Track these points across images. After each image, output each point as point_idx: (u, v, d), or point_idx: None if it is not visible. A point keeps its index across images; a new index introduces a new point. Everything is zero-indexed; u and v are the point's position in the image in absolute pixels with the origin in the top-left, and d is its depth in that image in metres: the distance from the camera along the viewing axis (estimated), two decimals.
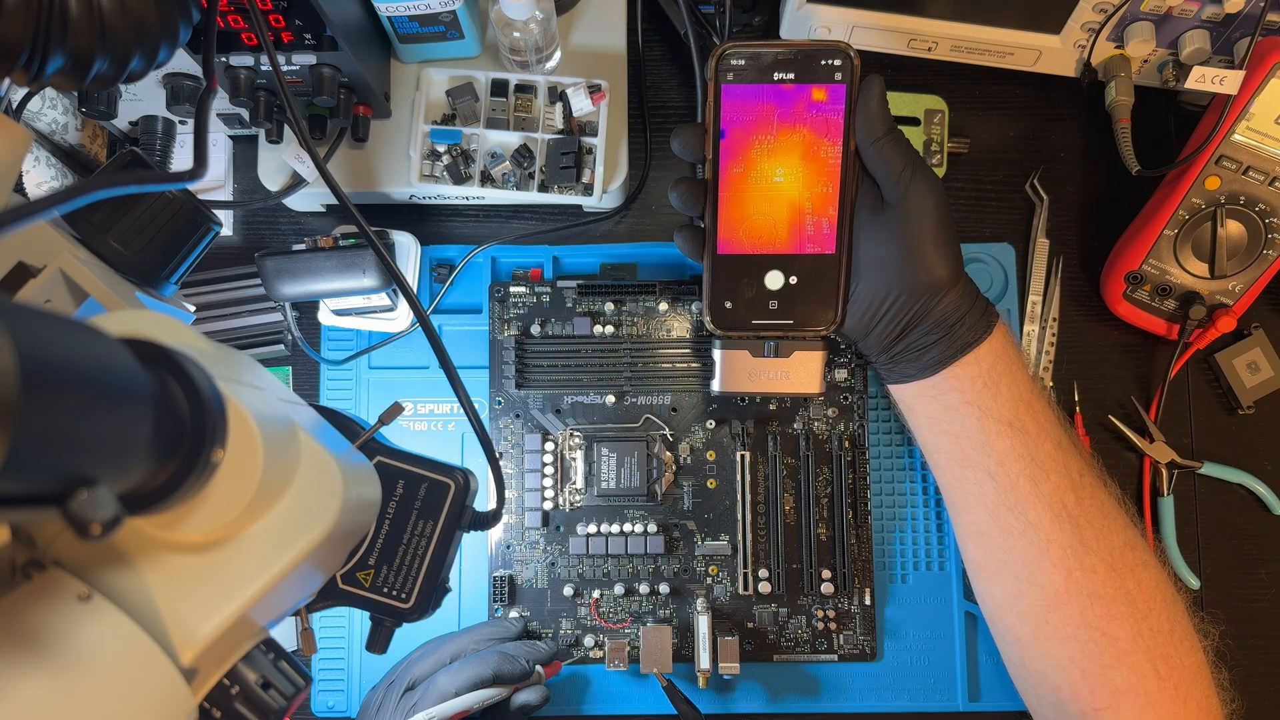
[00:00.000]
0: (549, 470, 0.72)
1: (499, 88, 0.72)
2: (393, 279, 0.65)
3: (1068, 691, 0.58)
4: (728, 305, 0.56)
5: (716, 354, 0.58)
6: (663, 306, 0.72)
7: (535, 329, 0.72)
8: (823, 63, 0.53)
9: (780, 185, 0.54)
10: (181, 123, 0.74)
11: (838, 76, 0.53)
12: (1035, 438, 0.57)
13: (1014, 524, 0.57)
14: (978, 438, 0.57)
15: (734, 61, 0.53)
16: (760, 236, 0.55)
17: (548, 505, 0.71)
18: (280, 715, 0.35)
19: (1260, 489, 0.74)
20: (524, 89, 0.72)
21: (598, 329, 0.72)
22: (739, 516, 0.71)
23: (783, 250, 0.55)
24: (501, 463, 0.72)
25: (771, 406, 0.71)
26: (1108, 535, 0.57)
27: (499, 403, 0.72)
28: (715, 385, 0.60)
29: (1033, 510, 0.57)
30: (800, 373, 0.59)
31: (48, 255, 0.43)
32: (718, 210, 0.55)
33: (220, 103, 0.69)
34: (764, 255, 0.55)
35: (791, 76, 0.53)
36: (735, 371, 0.59)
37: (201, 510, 0.32)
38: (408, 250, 0.72)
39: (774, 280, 0.55)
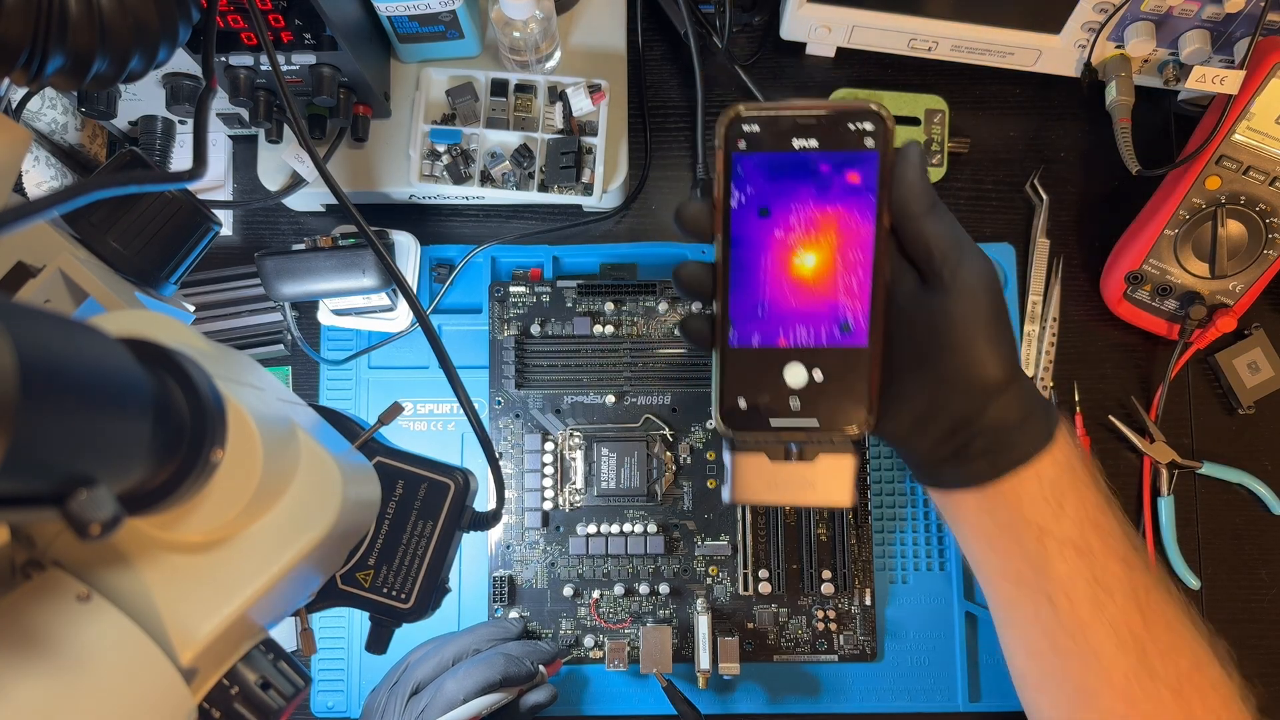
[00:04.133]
0: (549, 470, 0.71)
1: (499, 87, 0.72)
2: (392, 279, 0.65)
3: None
4: (742, 404, 0.48)
5: (728, 458, 0.49)
6: (663, 306, 0.72)
7: (535, 329, 0.72)
8: (850, 127, 0.45)
9: (802, 267, 0.47)
10: (181, 122, 0.74)
11: (869, 143, 0.45)
12: (1102, 557, 0.50)
13: (1072, 648, 0.51)
14: (1035, 559, 0.50)
15: (747, 127, 0.46)
16: (779, 326, 0.48)
17: (547, 505, 0.71)
18: (279, 715, 0.35)
19: (1260, 489, 0.74)
20: (524, 89, 0.72)
21: (598, 329, 0.72)
22: (739, 516, 0.71)
23: (805, 342, 0.48)
24: (501, 463, 0.72)
25: None
26: (1175, 657, 0.51)
27: (499, 403, 0.72)
28: (727, 495, 0.51)
29: (1095, 636, 0.50)
30: (827, 480, 0.50)
31: (47, 255, 0.43)
32: (728, 296, 0.47)
33: (220, 102, 0.69)
34: (784, 348, 0.48)
35: (814, 144, 0.46)
36: (751, 479, 0.50)
37: (201, 510, 0.32)
38: (407, 250, 0.72)
39: (796, 376, 0.48)
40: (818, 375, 0.47)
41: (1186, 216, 0.70)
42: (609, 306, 0.72)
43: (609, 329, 0.72)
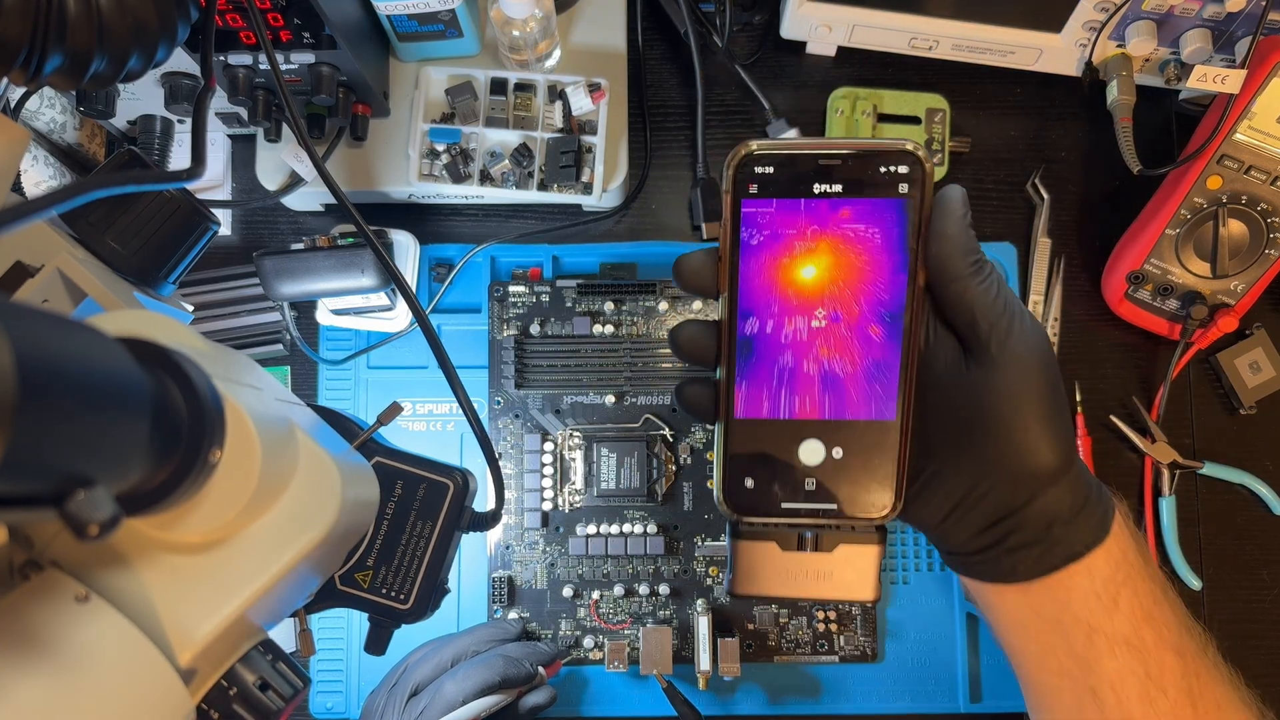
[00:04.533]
0: (548, 470, 0.71)
1: (498, 86, 0.72)
2: (391, 278, 0.65)
3: None
4: (749, 484, 0.42)
5: (732, 545, 0.44)
6: (663, 306, 0.72)
7: (535, 329, 0.72)
8: (882, 170, 0.39)
9: (821, 330, 0.41)
10: (180, 122, 0.74)
11: (902, 189, 0.39)
12: (1156, 652, 0.45)
13: None
14: (1083, 655, 0.45)
15: (760, 169, 0.40)
16: (794, 396, 0.42)
17: (547, 506, 0.71)
18: (278, 716, 0.35)
19: (1261, 489, 0.74)
20: (523, 88, 0.72)
21: (597, 329, 0.72)
22: None
23: (824, 414, 0.42)
24: (501, 463, 0.71)
25: None
26: None
27: (498, 403, 0.72)
28: (729, 586, 0.45)
29: None
30: (847, 572, 0.44)
31: (45, 255, 0.43)
32: (735, 361, 0.41)
33: (219, 102, 0.69)
34: (798, 420, 0.42)
35: (838, 189, 0.40)
36: (759, 568, 0.44)
37: (199, 511, 0.32)
38: (406, 249, 0.72)
39: (812, 453, 0.42)
40: (837, 452, 0.42)
41: (1188, 216, 0.70)
42: (609, 306, 0.72)
43: (609, 329, 0.72)
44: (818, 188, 0.40)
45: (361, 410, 0.74)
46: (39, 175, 0.70)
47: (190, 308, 0.57)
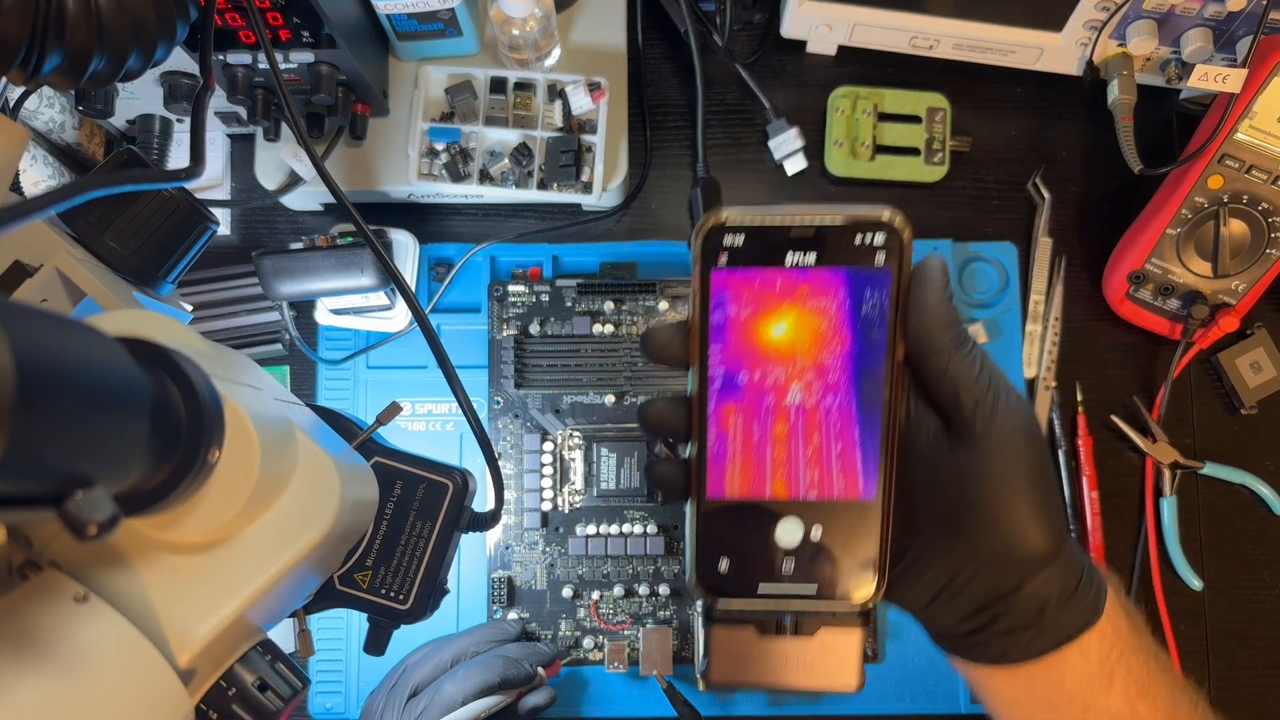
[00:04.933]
0: (548, 470, 0.71)
1: (498, 85, 0.72)
2: (391, 278, 0.65)
3: None
4: (723, 567, 0.40)
5: (706, 630, 0.42)
6: (663, 305, 0.72)
7: (534, 328, 0.72)
8: (857, 240, 0.38)
9: (797, 405, 0.40)
10: (179, 121, 0.74)
11: (879, 259, 0.38)
12: None
13: None
14: None
15: (730, 239, 0.38)
16: (769, 475, 0.40)
17: (547, 506, 0.71)
18: (277, 717, 0.35)
19: (1262, 489, 0.74)
20: (523, 87, 0.72)
21: (597, 328, 0.72)
22: None
23: (801, 494, 0.40)
24: (500, 463, 0.71)
25: None
26: None
27: (498, 402, 0.72)
28: (703, 673, 0.42)
29: None
30: (829, 658, 0.43)
31: (44, 254, 0.43)
32: (707, 439, 0.40)
33: (218, 101, 0.69)
34: (775, 500, 0.40)
35: (813, 259, 0.38)
36: (734, 655, 0.42)
37: (198, 511, 0.32)
38: (406, 249, 0.72)
39: (789, 533, 0.40)
40: (816, 533, 0.40)
41: (1189, 216, 0.70)
42: (609, 306, 0.72)
43: (609, 328, 0.72)
44: (791, 258, 0.38)
45: (361, 410, 0.74)
46: (38, 174, 0.70)
47: (189, 307, 0.57)
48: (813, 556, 0.40)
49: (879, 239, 0.38)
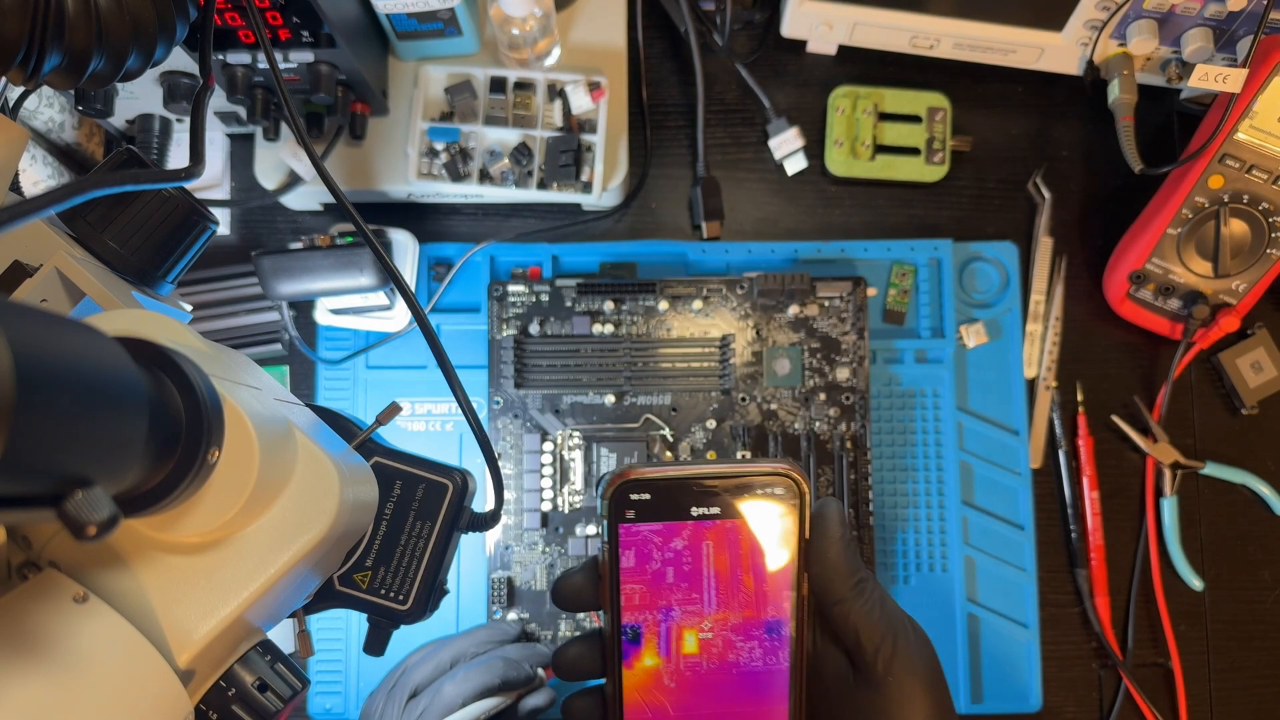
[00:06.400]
0: (548, 471, 0.71)
1: (497, 85, 0.71)
2: (390, 278, 0.65)
3: None
4: None
5: None
6: (663, 305, 0.72)
7: (534, 328, 0.72)
8: (759, 492, 0.41)
9: (708, 642, 0.41)
10: (178, 121, 0.74)
11: (779, 510, 0.41)
12: None
13: None
14: None
15: (636, 495, 0.40)
16: (683, 710, 0.42)
17: (546, 506, 0.71)
18: (276, 717, 0.35)
19: (1264, 490, 0.74)
20: (523, 86, 0.72)
21: (597, 328, 0.72)
22: None
23: None
24: (500, 463, 0.71)
25: (773, 406, 0.71)
26: None
27: (497, 402, 0.72)
28: None
29: None
30: None
31: (44, 254, 0.43)
32: (620, 678, 0.41)
33: (217, 101, 0.69)
34: None
35: (716, 511, 0.41)
36: None
37: (198, 511, 0.32)
38: (405, 249, 0.72)
39: None
40: None
41: (1189, 215, 0.70)
42: (608, 305, 0.72)
43: (608, 328, 0.72)
44: (695, 510, 0.40)
45: (360, 410, 0.74)
46: (37, 174, 0.70)
47: (189, 307, 0.57)
48: None
49: (778, 491, 0.41)
